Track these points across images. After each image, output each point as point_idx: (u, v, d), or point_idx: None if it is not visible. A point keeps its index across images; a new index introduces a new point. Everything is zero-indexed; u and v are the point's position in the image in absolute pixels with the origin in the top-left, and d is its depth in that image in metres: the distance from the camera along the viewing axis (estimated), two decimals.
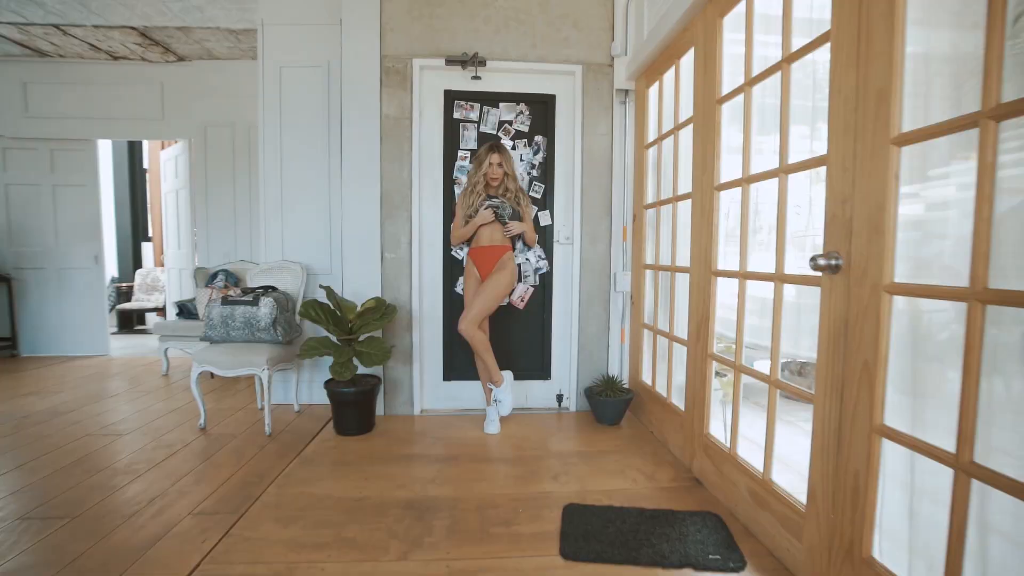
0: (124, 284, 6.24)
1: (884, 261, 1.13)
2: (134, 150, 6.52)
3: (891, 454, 1.16)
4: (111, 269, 6.34)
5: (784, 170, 1.53)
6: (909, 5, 1.09)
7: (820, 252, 1.34)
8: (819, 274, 1.34)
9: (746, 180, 1.75)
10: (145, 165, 6.65)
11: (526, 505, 1.91)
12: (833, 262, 1.28)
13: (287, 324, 2.74)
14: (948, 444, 0.99)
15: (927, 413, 1.13)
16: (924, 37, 1.12)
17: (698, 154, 2.09)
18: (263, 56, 3.04)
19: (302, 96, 3.06)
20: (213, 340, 2.67)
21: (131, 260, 6.48)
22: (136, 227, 6.57)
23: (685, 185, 2.28)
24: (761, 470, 1.65)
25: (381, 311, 2.59)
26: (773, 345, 1.58)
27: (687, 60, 2.26)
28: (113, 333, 5.89)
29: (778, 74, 1.58)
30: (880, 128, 1.14)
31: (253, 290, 2.79)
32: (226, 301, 2.64)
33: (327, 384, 2.60)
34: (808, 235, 1.84)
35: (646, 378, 2.82)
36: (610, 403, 2.74)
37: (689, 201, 2.20)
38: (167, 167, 5.00)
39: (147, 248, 6.68)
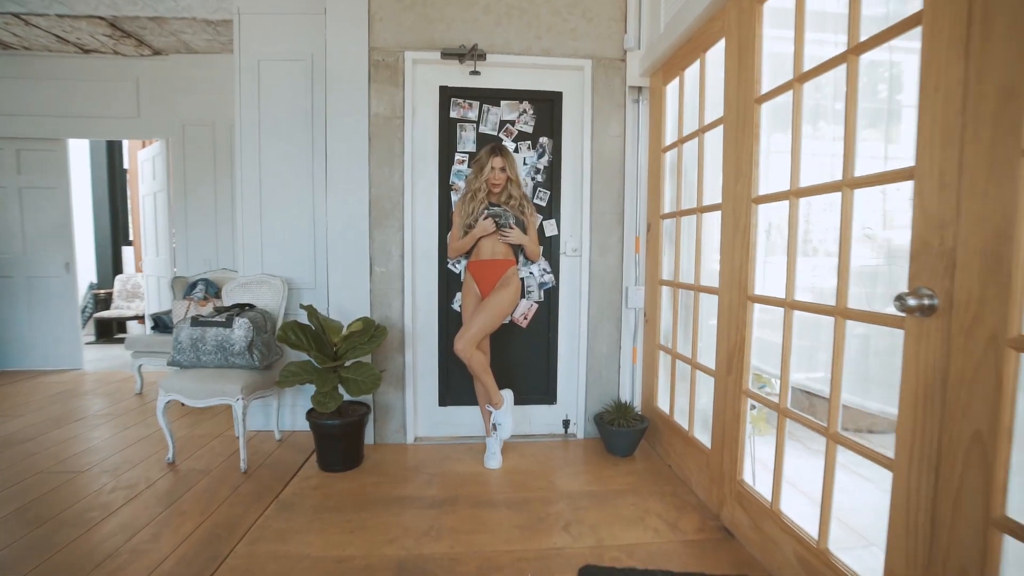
0: (103, 291, 5.93)
1: (1010, 306, 0.87)
2: (113, 149, 6.19)
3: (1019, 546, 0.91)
4: (89, 275, 6.02)
5: (849, 184, 1.27)
6: None
7: (901, 287, 1.08)
8: (902, 314, 1.09)
9: (794, 193, 1.49)
10: (125, 165, 6.33)
11: (535, 566, 1.65)
12: (926, 302, 1.03)
13: (265, 347, 2.47)
14: None
15: None
16: None
17: (730, 161, 1.83)
18: (239, 48, 2.75)
19: (283, 93, 2.78)
20: (182, 365, 2.40)
21: (111, 265, 6.16)
22: (116, 230, 6.24)
23: (712, 195, 2.02)
24: (816, 536, 1.40)
25: (369, 333, 2.32)
26: (833, 393, 1.32)
27: (715, 53, 2.00)
28: (90, 343, 5.60)
29: (837, 70, 1.32)
30: (1004, 134, 0.88)
31: (228, 309, 2.51)
32: (196, 322, 2.37)
33: (309, 415, 2.33)
34: (877, 261, 1.58)
35: (662, 404, 2.57)
36: (623, 433, 2.49)
37: (718, 213, 1.94)
38: (144, 168, 4.70)
39: (128, 252, 6.36)
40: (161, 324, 3.73)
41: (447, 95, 2.63)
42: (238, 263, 2.87)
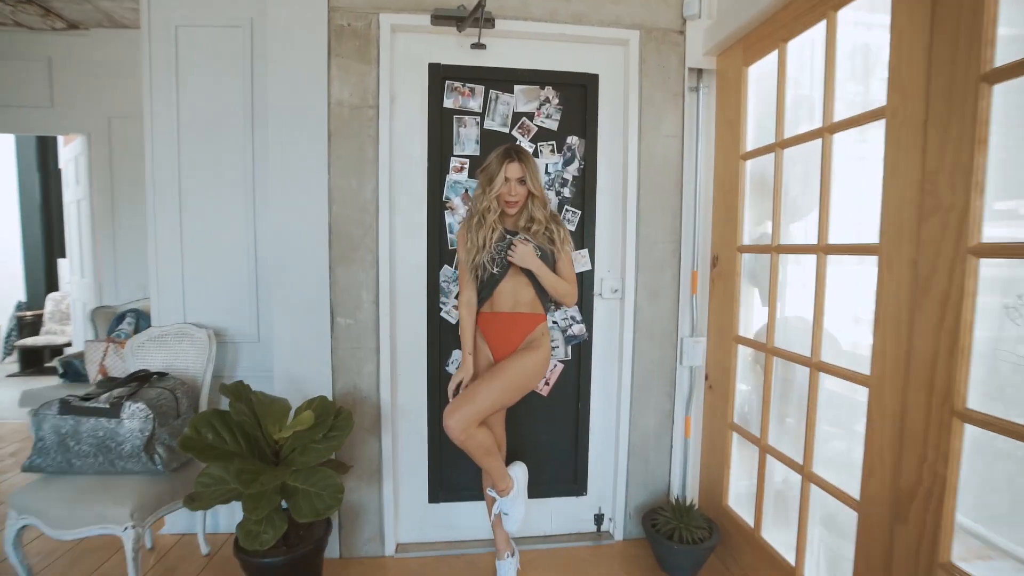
0: (30, 313, 5.05)
1: None
2: (47, 145, 5.32)
3: None
4: (17, 293, 5.15)
5: None
6: None
7: None
8: None
9: None
10: (60, 164, 5.45)
11: None
12: None
13: (175, 439, 1.70)
14: None
15: None
16: None
17: (902, 177, 1.13)
18: (149, 10, 1.98)
19: (211, 72, 2.01)
20: (44, 471, 1.62)
21: (43, 281, 5.28)
22: (50, 240, 5.37)
23: (850, 229, 1.32)
24: None
25: (326, 426, 1.57)
26: None
27: (854, 10, 1.29)
28: (12, 375, 4.74)
29: None
30: None
31: (124, 381, 1.74)
32: (66, 408, 1.59)
33: (237, 551, 1.57)
34: None
35: (737, 507, 1.87)
36: (686, 553, 1.78)
37: (869, 259, 1.24)
38: (67, 170, 3.87)
39: (65, 266, 5.47)
40: (72, 371, 2.93)
41: (440, 76, 1.89)
42: (152, 308, 2.10)
